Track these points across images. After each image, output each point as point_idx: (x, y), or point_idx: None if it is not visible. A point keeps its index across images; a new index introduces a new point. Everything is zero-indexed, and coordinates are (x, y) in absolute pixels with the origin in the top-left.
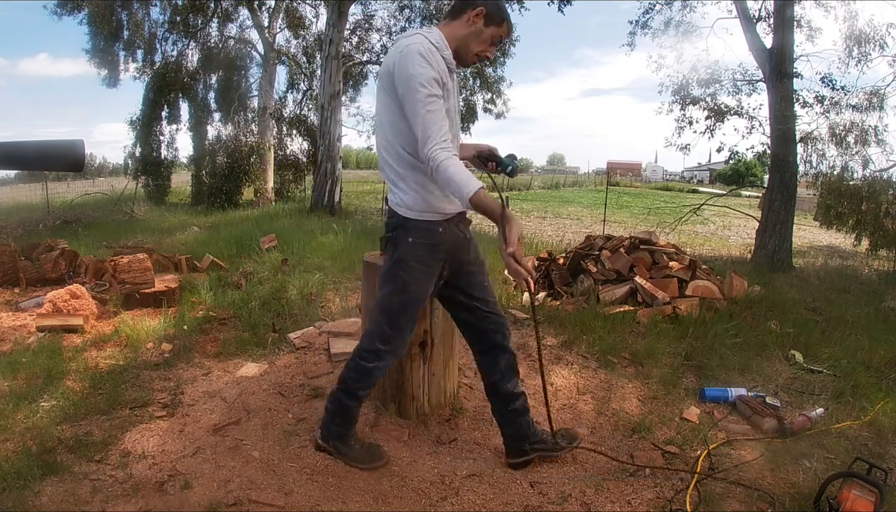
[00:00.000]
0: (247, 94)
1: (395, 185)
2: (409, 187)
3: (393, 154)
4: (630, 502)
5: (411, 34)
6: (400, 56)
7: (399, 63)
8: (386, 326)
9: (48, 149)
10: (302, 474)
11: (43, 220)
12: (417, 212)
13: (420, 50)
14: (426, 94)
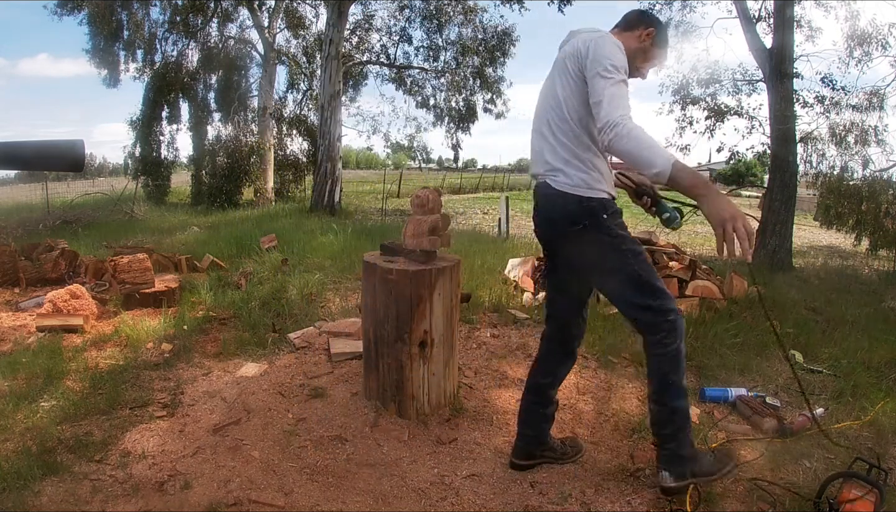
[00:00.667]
0: (247, 94)
1: (568, 164)
2: (586, 167)
3: (570, 135)
4: (630, 502)
5: (595, 30)
6: (594, 41)
7: (594, 46)
8: (653, 301)
9: (48, 149)
10: (302, 474)
11: (43, 220)
12: (599, 189)
13: (615, 41)
14: (619, 78)
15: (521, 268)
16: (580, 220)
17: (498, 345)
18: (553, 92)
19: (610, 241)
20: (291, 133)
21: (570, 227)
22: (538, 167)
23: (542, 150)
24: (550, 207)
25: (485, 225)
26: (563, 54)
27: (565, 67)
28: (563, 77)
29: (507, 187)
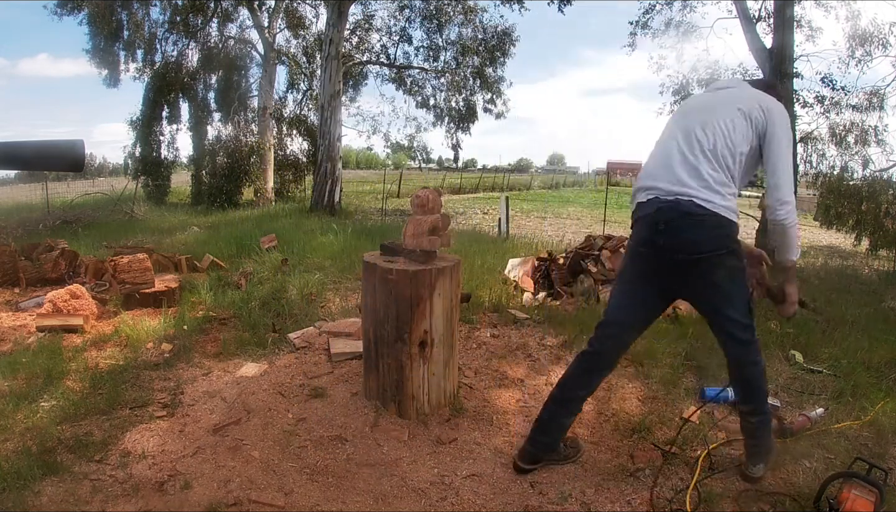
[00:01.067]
0: (247, 94)
1: (724, 188)
2: (733, 196)
3: (730, 166)
4: (630, 502)
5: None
6: (782, 111)
7: (781, 113)
8: (752, 320)
9: (48, 149)
10: (302, 474)
11: (43, 220)
12: (736, 218)
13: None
14: (789, 153)
15: (521, 268)
16: (728, 245)
17: (498, 345)
18: (722, 122)
19: (741, 267)
20: (291, 133)
21: (716, 249)
22: (675, 185)
23: (692, 170)
24: (697, 229)
25: (485, 225)
26: (739, 99)
27: (747, 115)
28: (742, 120)
29: (506, 187)
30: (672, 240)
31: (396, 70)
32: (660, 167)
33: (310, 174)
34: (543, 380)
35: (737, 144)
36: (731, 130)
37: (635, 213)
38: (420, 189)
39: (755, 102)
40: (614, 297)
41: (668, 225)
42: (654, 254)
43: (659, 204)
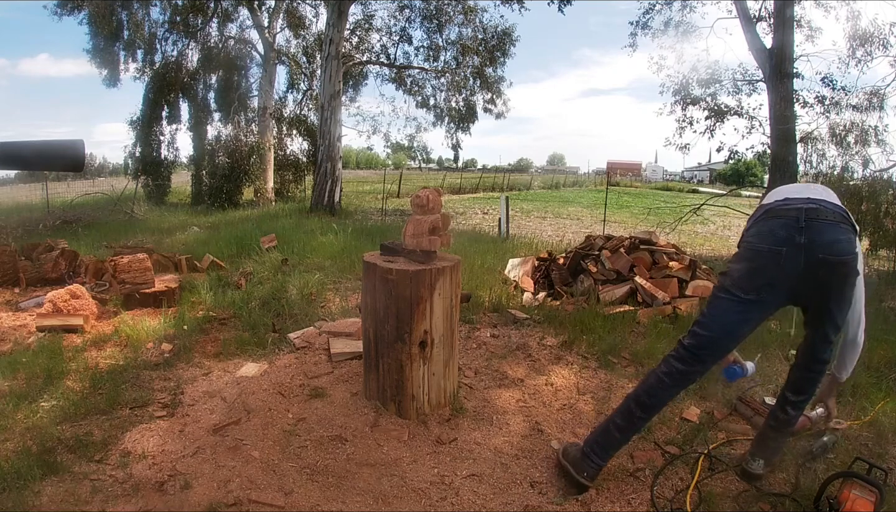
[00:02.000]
0: (247, 94)
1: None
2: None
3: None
4: (630, 502)
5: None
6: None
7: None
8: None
9: (48, 149)
10: (302, 474)
11: (43, 220)
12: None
13: None
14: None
15: (521, 268)
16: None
17: (498, 345)
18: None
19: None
20: (291, 133)
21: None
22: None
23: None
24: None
25: (485, 225)
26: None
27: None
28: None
29: (506, 187)
30: (822, 247)
31: (396, 70)
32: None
33: (310, 174)
34: (543, 380)
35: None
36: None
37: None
38: (420, 189)
39: (853, 248)
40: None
41: (816, 233)
42: (809, 265)
43: (813, 213)
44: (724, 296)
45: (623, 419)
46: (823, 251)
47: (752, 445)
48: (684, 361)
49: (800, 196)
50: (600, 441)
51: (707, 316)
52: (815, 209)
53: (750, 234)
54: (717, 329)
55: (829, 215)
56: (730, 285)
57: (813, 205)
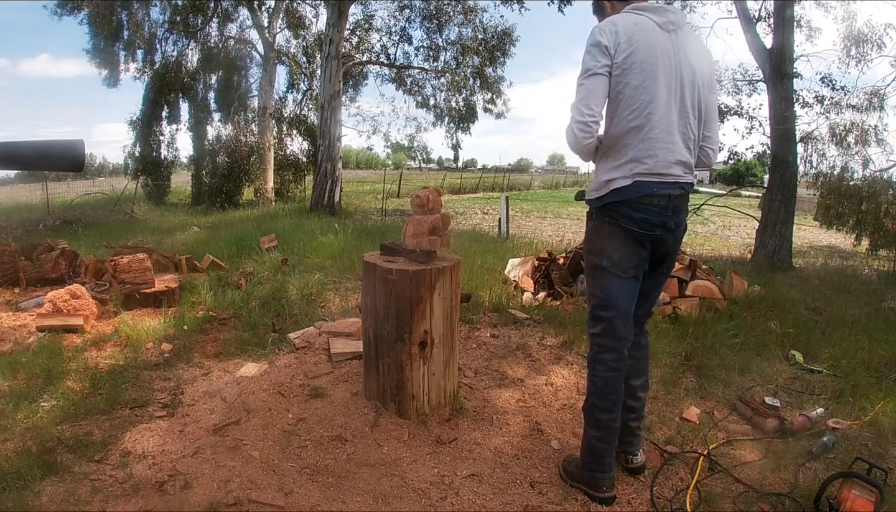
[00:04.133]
0: (247, 94)
1: (691, 170)
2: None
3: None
4: (630, 502)
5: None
6: (709, 54)
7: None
8: None
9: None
10: (302, 474)
11: (43, 220)
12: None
13: None
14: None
15: (521, 268)
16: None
17: (498, 345)
18: (700, 87)
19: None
20: (291, 133)
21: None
22: (679, 169)
23: (687, 149)
24: (686, 209)
25: (485, 225)
26: (707, 64)
27: (709, 84)
28: (710, 93)
29: (507, 187)
30: (671, 223)
31: (396, 70)
32: (667, 149)
33: (310, 174)
34: (543, 380)
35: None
36: (710, 110)
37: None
38: (420, 189)
39: (711, 65)
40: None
41: (672, 211)
42: (660, 237)
43: (670, 191)
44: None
45: (599, 430)
46: (679, 232)
47: (630, 443)
48: (609, 349)
49: (673, 169)
50: (593, 457)
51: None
52: (683, 185)
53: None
54: (630, 295)
55: (687, 198)
56: (611, 266)
57: (672, 181)
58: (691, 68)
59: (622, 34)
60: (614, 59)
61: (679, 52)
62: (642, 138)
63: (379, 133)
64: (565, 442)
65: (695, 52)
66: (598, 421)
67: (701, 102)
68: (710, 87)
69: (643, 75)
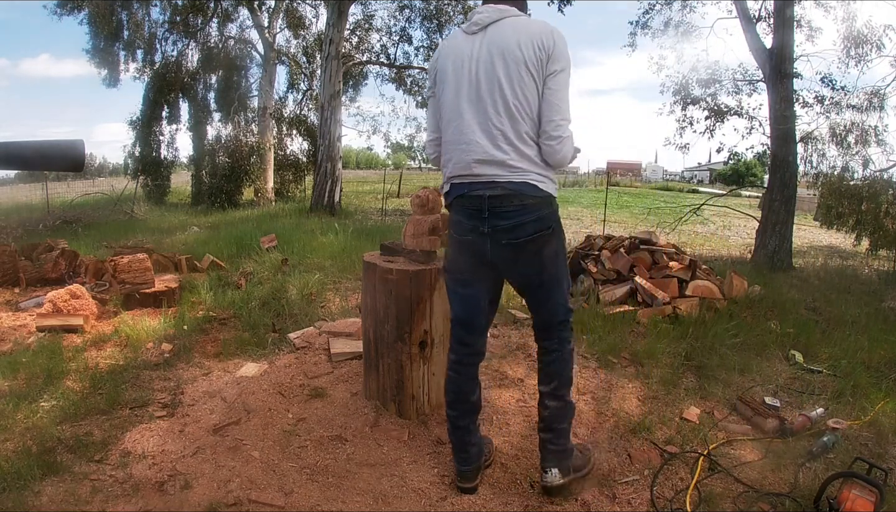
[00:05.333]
0: (247, 94)
1: (540, 167)
2: (550, 168)
3: (532, 131)
4: (630, 502)
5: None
6: (555, 36)
7: (558, 42)
8: (568, 301)
9: (48, 149)
10: (302, 474)
11: (43, 220)
12: (554, 189)
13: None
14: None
15: None
16: (550, 224)
17: (498, 345)
18: (513, 88)
19: (562, 246)
20: (291, 133)
21: (539, 231)
22: (487, 168)
23: (496, 147)
24: (521, 211)
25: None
26: (525, 44)
27: (523, 62)
28: (521, 72)
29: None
30: (493, 225)
31: (396, 70)
32: (462, 147)
33: (310, 174)
34: None
35: (532, 105)
36: (525, 95)
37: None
38: (420, 189)
39: (539, 42)
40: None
41: (486, 212)
42: (479, 243)
43: (477, 189)
44: (447, 280)
45: (448, 424)
46: (507, 237)
47: (541, 456)
48: (452, 349)
49: (470, 173)
50: (452, 448)
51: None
52: (498, 196)
53: (450, 220)
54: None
55: (523, 189)
56: (446, 270)
57: (482, 179)
58: (491, 63)
59: (439, 57)
60: (435, 81)
61: (480, 50)
62: (447, 144)
63: (379, 133)
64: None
65: (503, 46)
66: (447, 414)
67: (507, 96)
68: (528, 75)
69: (444, 87)
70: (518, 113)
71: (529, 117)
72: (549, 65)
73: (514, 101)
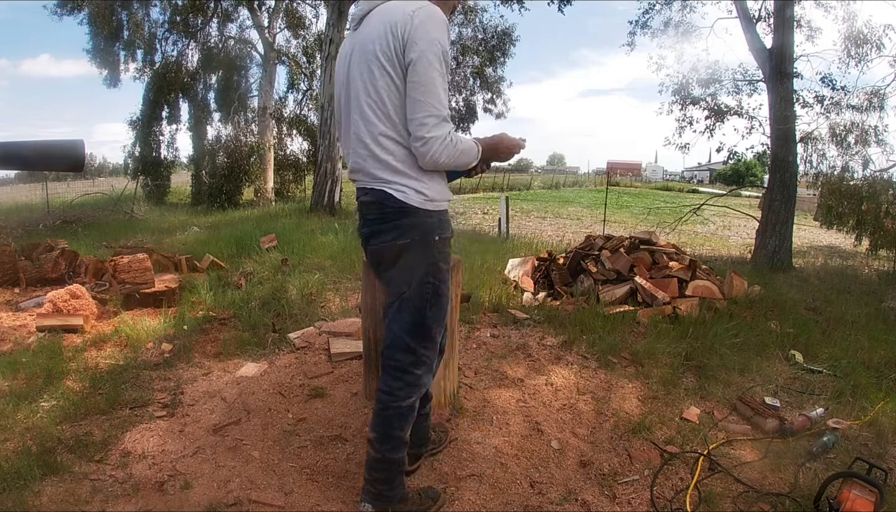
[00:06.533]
0: (247, 94)
1: (401, 174)
2: (424, 174)
3: (393, 133)
4: (630, 502)
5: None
6: (415, 17)
7: (417, 25)
8: (423, 349)
9: (48, 149)
10: (302, 474)
11: (43, 220)
12: (437, 202)
13: (442, 18)
14: (444, 70)
15: (521, 268)
16: (411, 237)
17: (498, 345)
18: (367, 89)
19: (427, 268)
20: (291, 133)
21: (394, 241)
22: (359, 175)
23: (358, 151)
24: (380, 220)
25: (485, 225)
26: (370, 37)
27: (373, 59)
28: (374, 71)
29: (506, 187)
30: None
31: None
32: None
33: (310, 174)
34: (543, 380)
35: (395, 107)
36: (380, 97)
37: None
38: None
39: (387, 32)
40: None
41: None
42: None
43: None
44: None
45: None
46: (369, 243)
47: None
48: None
49: (355, 179)
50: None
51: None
52: (365, 203)
53: None
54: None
55: (372, 207)
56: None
57: (365, 196)
58: (355, 62)
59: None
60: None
61: (353, 49)
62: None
63: None
64: (565, 442)
65: (363, 41)
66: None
67: (360, 97)
68: (380, 70)
69: (336, 91)
70: (374, 113)
71: (387, 117)
72: (406, 53)
73: (368, 100)
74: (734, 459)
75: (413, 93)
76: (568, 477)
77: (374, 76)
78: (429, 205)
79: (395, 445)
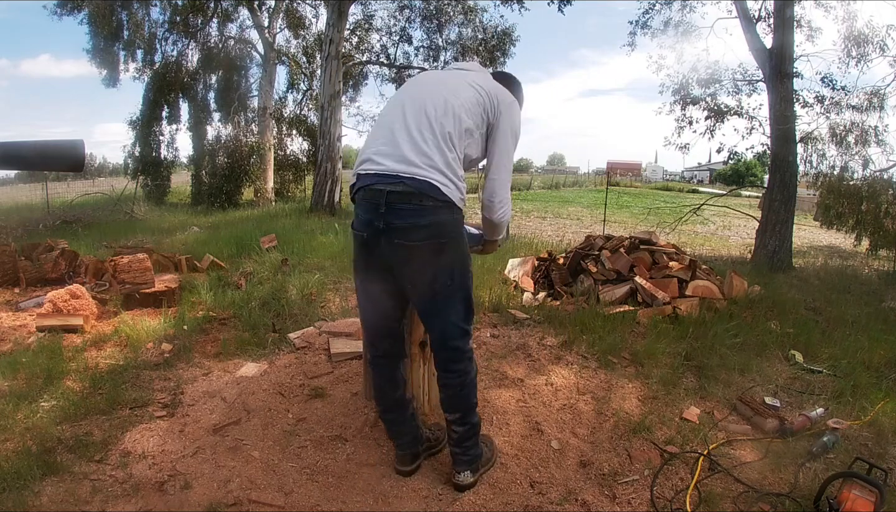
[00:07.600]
0: (247, 94)
1: (442, 174)
2: (459, 179)
3: (451, 149)
4: (630, 502)
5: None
6: (511, 102)
7: (512, 106)
8: (470, 326)
9: (48, 149)
10: (302, 474)
11: (43, 220)
12: (464, 201)
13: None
14: (514, 149)
15: (520, 268)
16: (450, 234)
17: (498, 345)
18: (462, 103)
19: (463, 259)
20: (291, 133)
21: (440, 239)
22: (401, 163)
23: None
24: (421, 212)
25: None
26: (486, 88)
27: (479, 101)
28: (475, 106)
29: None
30: (390, 221)
31: (396, 70)
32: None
33: (310, 174)
34: (543, 380)
35: (467, 130)
36: (466, 118)
37: (354, 188)
38: None
39: (495, 94)
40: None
41: (389, 206)
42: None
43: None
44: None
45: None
46: (400, 237)
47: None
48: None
49: (385, 166)
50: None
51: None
52: (398, 192)
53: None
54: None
55: (431, 191)
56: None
57: (395, 183)
58: (456, 76)
59: None
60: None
61: (451, 71)
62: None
63: None
64: (565, 442)
65: (472, 76)
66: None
67: (450, 96)
68: (480, 110)
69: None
70: (452, 116)
71: (457, 129)
72: (496, 116)
73: (454, 102)
74: (734, 459)
75: (499, 157)
76: (568, 477)
77: (467, 93)
78: (461, 203)
79: (475, 410)
